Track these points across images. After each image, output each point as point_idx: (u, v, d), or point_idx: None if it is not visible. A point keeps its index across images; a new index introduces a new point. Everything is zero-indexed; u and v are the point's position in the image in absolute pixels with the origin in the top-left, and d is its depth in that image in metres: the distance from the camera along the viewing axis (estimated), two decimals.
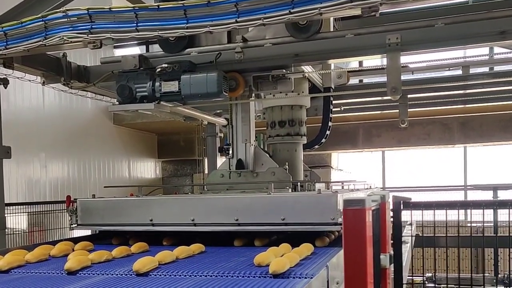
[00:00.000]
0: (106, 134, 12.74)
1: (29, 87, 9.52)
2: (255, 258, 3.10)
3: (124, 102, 4.68)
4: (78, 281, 2.95)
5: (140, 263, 3.06)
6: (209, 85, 4.35)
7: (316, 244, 3.92)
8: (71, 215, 4.79)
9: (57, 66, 5.11)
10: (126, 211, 4.63)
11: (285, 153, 5.98)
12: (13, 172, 9.46)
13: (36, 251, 3.82)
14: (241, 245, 4.18)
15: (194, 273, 3.01)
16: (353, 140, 13.25)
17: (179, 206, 4.42)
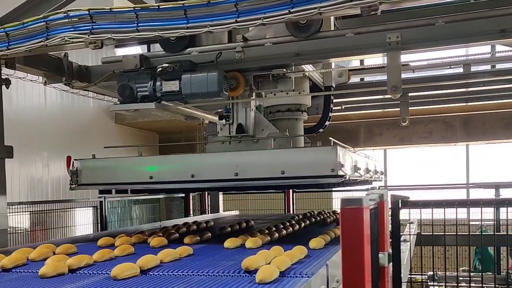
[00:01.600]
0: (107, 133, 12.79)
1: (31, 87, 9.57)
2: (243, 262, 2.98)
3: (125, 101, 4.71)
4: None
5: (118, 269, 2.90)
6: (210, 85, 4.37)
7: (311, 245, 3.84)
8: (71, 175, 4.88)
9: (59, 66, 5.15)
10: (126, 169, 4.73)
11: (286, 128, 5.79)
12: (15, 171, 9.51)
13: (14, 255, 3.70)
14: (232, 247, 4.05)
15: (175, 280, 2.83)
16: (354, 139, 13.25)
17: (179, 163, 4.51)
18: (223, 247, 4.01)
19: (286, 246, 3.70)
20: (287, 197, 10.69)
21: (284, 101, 5.65)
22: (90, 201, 10.24)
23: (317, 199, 11.13)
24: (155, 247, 4.13)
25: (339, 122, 12.96)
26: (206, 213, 10.13)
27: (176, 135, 14.92)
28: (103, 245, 4.31)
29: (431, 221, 3.95)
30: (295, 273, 3.01)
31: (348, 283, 2.10)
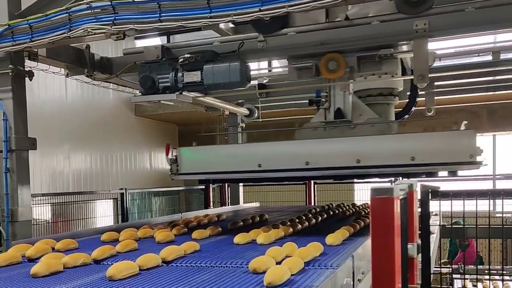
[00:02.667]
0: (127, 125, 12.90)
1: (52, 79, 9.68)
2: (250, 263, 2.74)
3: (146, 93, 4.73)
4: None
5: (115, 269, 2.69)
6: (232, 75, 4.38)
7: (327, 241, 3.59)
8: (171, 164, 4.77)
9: (81, 57, 5.21)
10: (231, 157, 4.49)
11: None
12: (37, 163, 9.65)
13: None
14: (242, 242, 3.82)
15: (174, 281, 2.60)
16: None
17: (291, 150, 4.24)
18: (233, 243, 3.81)
19: (301, 241, 3.58)
20: (308, 188, 10.67)
21: (377, 85, 5.16)
22: (111, 193, 10.36)
23: (339, 191, 11.09)
24: (161, 242, 3.94)
25: None
26: (226, 205, 10.16)
27: (196, 127, 14.98)
28: (107, 240, 4.12)
29: (455, 212, 3.88)
30: (320, 264, 2.97)
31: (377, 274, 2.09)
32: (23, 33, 4.29)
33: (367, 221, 4.49)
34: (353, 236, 3.96)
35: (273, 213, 6.68)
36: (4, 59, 4.62)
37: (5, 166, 4.73)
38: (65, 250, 3.63)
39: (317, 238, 3.70)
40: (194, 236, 4.12)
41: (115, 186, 11.84)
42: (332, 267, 2.90)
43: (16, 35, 4.34)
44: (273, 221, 5.26)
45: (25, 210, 4.85)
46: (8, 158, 4.73)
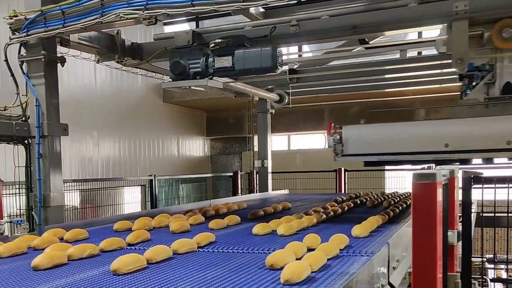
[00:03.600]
0: (155, 112, 13.01)
1: (81, 66, 9.81)
2: (267, 258, 2.52)
3: (177, 78, 4.75)
4: (40, 283, 2.38)
5: (120, 262, 2.50)
6: (263, 60, 4.36)
7: (353, 233, 3.38)
8: (335, 144, 4.44)
9: (112, 43, 5.26)
10: (411, 137, 4.06)
11: None
12: (67, 150, 9.82)
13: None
14: (262, 233, 3.61)
15: (184, 277, 2.40)
16: (410, 116, 12.98)
17: (486, 127, 3.71)
18: (252, 234, 3.61)
19: (325, 233, 3.43)
20: (338, 176, 10.63)
21: None
22: (139, 180, 10.49)
23: (369, 178, 11.03)
24: (175, 232, 3.77)
25: (392, 98, 12.73)
26: (254, 192, 10.19)
27: (224, 113, 15.04)
28: (120, 230, 3.97)
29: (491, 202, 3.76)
30: (354, 251, 2.92)
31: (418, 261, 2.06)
32: (56, 18, 4.35)
33: (397, 211, 4.42)
34: (381, 227, 3.79)
35: (299, 201, 6.62)
36: (36, 45, 4.68)
37: (38, 152, 4.80)
38: (74, 241, 3.45)
39: (343, 229, 3.57)
40: (211, 226, 3.99)
41: (142, 173, 12.00)
42: (367, 254, 2.83)
43: (48, 21, 4.40)
44: (297, 210, 5.06)
45: (57, 196, 4.91)
46: (41, 143, 4.80)
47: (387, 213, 4.19)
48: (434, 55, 6.32)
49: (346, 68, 6.81)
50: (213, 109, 14.87)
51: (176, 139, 14.18)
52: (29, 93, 4.87)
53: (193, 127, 15.00)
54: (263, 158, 8.83)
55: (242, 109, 11.79)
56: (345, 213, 4.93)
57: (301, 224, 3.81)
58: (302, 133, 14.86)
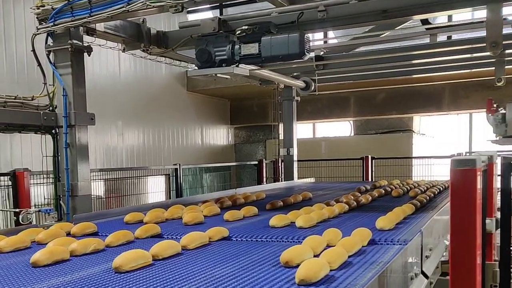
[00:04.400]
0: (179, 101, 13.07)
1: (106, 55, 9.90)
2: (282, 255, 2.35)
3: (202, 66, 4.76)
4: (35, 282, 2.23)
5: (123, 259, 2.35)
6: (291, 46, 4.33)
7: (378, 225, 3.22)
8: (496, 124, 4.22)
9: (137, 32, 5.28)
10: None
11: None
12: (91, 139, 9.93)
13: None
14: (279, 226, 3.46)
15: (189, 275, 2.23)
16: (437, 102, 12.83)
17: None
18: (269, 226, 3.48)
19: (347, 226, 3.35)
20: (365, 163, 10.58)
21: None
22: (164, 169, 10.58)
23: (397, 166, 10.95)
24: (188, 225, 3.64)
25: (420, 84, 12.57)
26: (279, 181, 10.19)
27: (248, 101, 15.04)
28: (130, 222, 3.85)
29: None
30: (386, 239, 2.88)
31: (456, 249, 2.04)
32: (82, 8, 4.38)
33: (424, 201, 4.33)
34: (407, 218, 3.67)
35: (324, 190, 6.59)
36: (63, 35, 4.73)
37: (65, 141, 4.86)
38: (81, 235, 3.33)
39: (366, 221, 3.50)
40: (226, 217, 3.86)
41: (166, 162, 12.09)
42: (399, 242, 2.79)
43: (75, 10, 4.44)
44: (320, 200, 4.92)
45: (84, 185, 4.97)
46: (68, 133, 4.86)
47: (414, 203, 4.06)
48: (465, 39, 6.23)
49: (373, 54, 6.73)
50: (237, 97, 14.87)
51: (199, 128, 14.24)
52: (56, 83, 4.93)
53: (217, 115, 15.03)
54: (288, 146, 8.82)
55: (267, 97, 11.78)
56: (368, 203, 4.80)
57: (321, 216, 3.67)
58: (327, 120, 14.79)
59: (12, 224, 6.74)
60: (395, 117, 13.62)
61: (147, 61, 6.95)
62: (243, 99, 14.93)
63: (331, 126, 15.09)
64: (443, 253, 3.55)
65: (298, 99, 8.74)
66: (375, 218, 3.32)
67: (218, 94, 14.14)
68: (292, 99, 8.61)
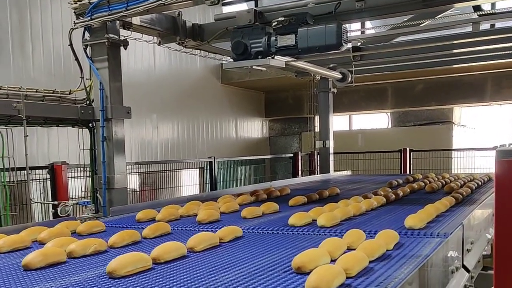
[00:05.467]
0: (214, 93, 13.14)
1: (141, 49, 10.02)
2: (294, 259, 2.16)
3: (238, 58, 4.77)
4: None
5: (117, 263, 2.16)
6: (328, 37, 4.30)
7: (407, 224, 3.01)
8: None
9: (173, 25, 5.32)
10: None
11: None
12: (127, 133, 10.08)
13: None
14: (299, 224, 3.24)
15: (189, 282, 2.05)
16: (479, 93, 12.56)
17: None
18: (288, 225, 3.28)
19: (373, 225, 3.19)
20: (403, 156, 10.46)
21: None
22: (198, 162, 10.67)
23: (436, 159, 10.79)
24: (202, 223, 3.46)
25: (461, 74, 12.32)
26: (315, 174, 10.17)
27: (283, 93, 15.02)
28: (142, 220, 3.67)
29: None
30: (425, 233, 2.84)
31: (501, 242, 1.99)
32: (119, 2, 4.44)
33: (460, 197, 4.19)
34: (440, 216, 3.46)
35: (357, 183, 6.53)
36: (100, 29, 4.80)
37: (102, 135, 4.94)
38: (88, 234, 3.19)
39: (395, 218, 3.35)
40: (244, 214, 3.69)
41: (200, 155, 12.19)
42: (439, 236, 2.73)
43: (112, 4, 4.50)
44: (348, 195, 4.71)
45: (120, 178, 5.05)
46: (105, 126, 4.95)
47: (449, 200, 3.88)
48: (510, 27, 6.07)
49: (412, 44, 6.63)
50: (272, 90, 14.86)
51: (234, 121, 14.30)
52: (93, 77, 5.01)
53: (252, 108, 15.06)
54: (324, 139, 8.79)
55: (302, 89, 11.74)
56: (399, 199, 4.58)
57: (346, 213, 3.47)
58: (364, 112, 14.65)
59: (50, 216, 6.92)
60: (434, 108, 13.39)
61: (182, 54, 7.03)
62: (278, 91, 14.90)
63: (368, 118, 14.95)
64: (484, 247, 3.49)
65: (334, 91, 8.69)
66: (405, 216, 3.14)
67: (252, 86, 14.16)
68: (329, 90, 8.56)
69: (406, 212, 3.46)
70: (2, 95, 4.52)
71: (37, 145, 8.18)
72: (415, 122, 13.71)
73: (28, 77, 8.01)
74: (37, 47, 8.31)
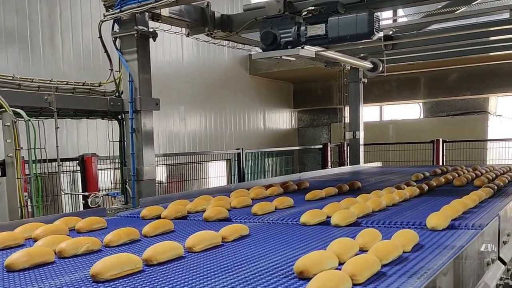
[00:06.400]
0: (241, 85, 13.16)
1: (169, 41, 10.09)
2: (296, 263, 1.95)
3: (267, 49, 4.78)
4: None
5: (102, 265, 1.98)
6: (359, 26, 4.28)
7: (429, 224, 2.75)
8: None
9: (202, 16, 5.35)
10: None
11: None
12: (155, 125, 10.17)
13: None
14: (311, 223, 3.01)
15: (180, 286, 1.88)
16: None
17: None
18: (299, 223, 3.07)
19: (391, 224, 2.95)
20: (436, 147, 10.33)
21: None
22: (227, 153, 10.71)
23: (470, 149, 10.64)
24: (209, 220, 3.28)
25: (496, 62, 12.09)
26: (344, 165, 10.13)
27: (312, 84, 14.95)
28: (148, 217, 3.46)
29: None
30: (459, 224, 2.76)
31: None
32: None
33: (493, 190, 4.00)
34: (468, 212, 3.22)
35: (385, 175, 6.45)
36: (129, 20, 4.86)
37: (131, 127, 5.01)
38: (87, 231, 3.02)
39: (417, 216, 3.12)
40: (254, 210, 3.47)
41: (228, 147, 12.25)
42: (474, 227, 2.67)
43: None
44: (372, 188, 4.51)
45: (149, 169, 5.12)
46: (134, 118, 5.01)
47: (478, 194, 3.66)
48: None
49: (447, 32, 6.52)
50: (301, 80, 14.81)
51: (262, 112, 14.30)
52: (122, 69, 5.08)
53: (280, 99, 15.04)
54: (354, 130, 8.75)
55: (332, 79, 11.68)
56: (425, 193, 4.31)
57: (364, 210, 3.23)
58: (395, 103, 14.50)
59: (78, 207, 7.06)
60: (469, 98, 13.16)
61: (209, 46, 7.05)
62: (306, 82, 14.84)
63: (399, 108, 14.79)
64: None
65: (365, 81, 8.62)
66: (428, 213, 2.90)
67: (281, 77, 14.13)
68: (359, 81, 8.50)
69: (429, 209, 3.26)
70: (33, 88, 4.62)
71: (67, 137, 8.32)
72: (449, 112, 13.51)
73: (58, 70, 8.15)
74: (66, 40, 8.44)
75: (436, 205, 3.42)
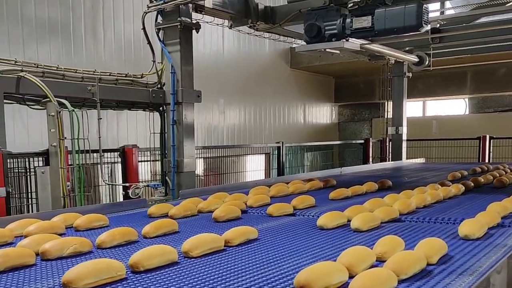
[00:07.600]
0: (282, 78, 13.11)
1: (210, 33, 10.12)
2: (297, 276, 1.71)
3: (311, 41, 4.74)
4: None
5: (75, 272, 1.77)
6: (407, 18, 4.20)
7: (461, 232, 2.45)
8: None
9: (245, 8, 5.36)
10: None
11: None
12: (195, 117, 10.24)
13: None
14: (330, 226, 2.76)
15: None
16: None
17: None
18: (316, 226, 2.80)
19: (418, 231, 2.66)
20: (482, 144, 10.08)
21: None
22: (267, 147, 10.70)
23: None
24: (219, 221, 3.05)
25: None
26: (386, 161, 9.99)
27: (353, 78, 14.80)
28: (155, 215, 3.26)
29: None
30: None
31: None
32: None
33: None
34: (508, 216, 2.92)
35: (427, 172, 6.33)
36: (172, 12, 4.89)
37: (172, 119, 5.05)
38: (86, 229, 2.83)
39: (447, 222, 2.85)
40: (270, 211, 3.25)
41: (267, 141, 12.23)
42: None
43: None
44: (401, 188, 4.25)
45: (189, 162, 5.16)
46: (175, 110, 5.05)
47: None
48: None
49: (496, 25, 6.34)
50: (342, 75, 14.67)
51: (302, 106, 14.23)
52: (164, 61, 5.12)
53: (321, 93, 14.93)
54: (397, 125, 8.63)
55: (374, 73, 11.53)
56: (461, 195, 4.03)
57: (390, 214, 2.94)
58: (439, 98, 14.20)
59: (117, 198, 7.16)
60: None
61: (250, 38, 7.05)
62: (348, 76, 14.70)
63: (443, 104, 14.50)
64: None
65: (409, 75, 8.48)
66: (463, 219, 2.69)
67: (322, 71, 14.02)
68: (403, 75, 8.38)
69: (464, 213, 3.05)
70: (77, 78, 4.69)
71: (107, 128, 8.45)
72: (496, 108, 13.16)
73: (100, 62, 8.27)
74: (108, 32, 8.56)
75: (472, 209, 3.19)
